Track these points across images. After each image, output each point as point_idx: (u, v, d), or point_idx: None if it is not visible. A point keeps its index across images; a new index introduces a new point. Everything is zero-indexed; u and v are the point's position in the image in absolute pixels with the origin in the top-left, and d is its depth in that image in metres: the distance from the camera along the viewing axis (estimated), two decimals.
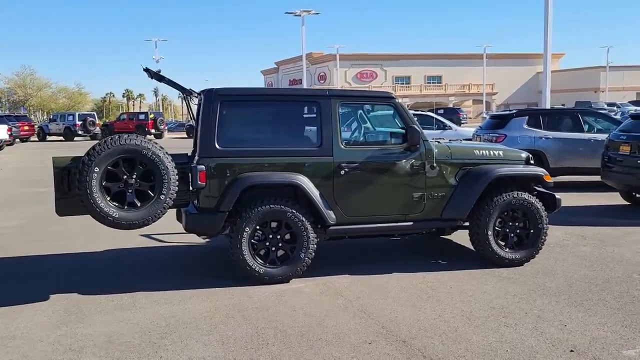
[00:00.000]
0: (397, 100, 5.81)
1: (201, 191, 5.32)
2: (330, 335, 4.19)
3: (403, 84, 67.15)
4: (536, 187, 6.21)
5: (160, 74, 5.72)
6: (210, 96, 5.40)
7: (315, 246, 5.49)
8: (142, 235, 7.68)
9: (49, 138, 38.40)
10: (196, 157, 5.36)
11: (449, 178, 5.86)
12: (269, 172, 5.38)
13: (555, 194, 6.17)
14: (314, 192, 5.43)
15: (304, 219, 5.40)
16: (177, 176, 5.13)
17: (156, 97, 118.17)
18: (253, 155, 5.42)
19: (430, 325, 4.36)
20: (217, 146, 5.32)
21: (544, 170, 6.11)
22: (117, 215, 4.92)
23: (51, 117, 41.91)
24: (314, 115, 5.60)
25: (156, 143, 5.12)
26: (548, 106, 14.45)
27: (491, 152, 6.09)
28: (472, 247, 6.20)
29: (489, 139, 11.47)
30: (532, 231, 5.98)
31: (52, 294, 5.23)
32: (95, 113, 44.37)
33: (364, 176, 5.61)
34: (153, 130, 37.11)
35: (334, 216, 5.54)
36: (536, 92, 71.06)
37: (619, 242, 7.02)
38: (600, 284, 5.35)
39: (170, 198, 5.09)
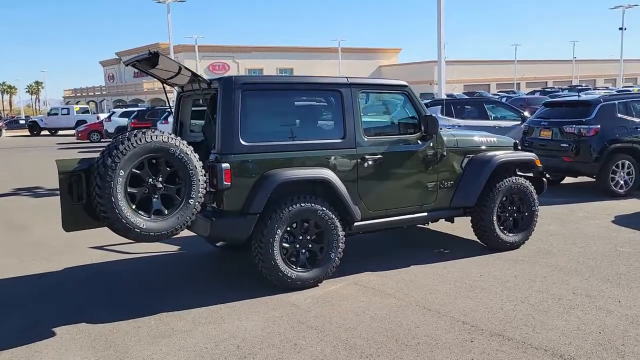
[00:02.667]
0: (410, 89, 5.66)
1: (225, 192, 4.71)
2: (424, 337, 3.95)
3: None
4: (518, 172, 6.47)
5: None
6: (230, 86, 4.78)
7: (344, 245, 5.17)
8: (91, 247, 6.68)
9: None
10: (216, 155, 4.72)
11: (456, 166, 5.87)
12: (297, 168, 4.93)
13: (543, 177, 6.50)
14: (341, 187, 5.09)
15: (333, 217, 5.05)
16: (205, 177, 4.49)
17: None
18: (278, 150, 4.92)
19: (505, 316, 4.30)
20: (241, 141, 4.74)
21: (535, 155, 6.39)
22: (144, 226, 4.16)
23: None
24: (336, 106, 5.23)
25: (182, 140, 4.41)
26: (443, 96, 15.43)
27: (488, 140, 6.22)
28: (452, 234, 6.28)
29: None
30: (526, 214, 6.23)
31: (54, 327, 4.28)
32: None
33: (385, 167, 5.39)
34: None
35: (359, 211, 5.25)
36: None
37: (571, 219, 7.62)
38: (600, 259, 5.72)
39: (198, 202, 4.44)
